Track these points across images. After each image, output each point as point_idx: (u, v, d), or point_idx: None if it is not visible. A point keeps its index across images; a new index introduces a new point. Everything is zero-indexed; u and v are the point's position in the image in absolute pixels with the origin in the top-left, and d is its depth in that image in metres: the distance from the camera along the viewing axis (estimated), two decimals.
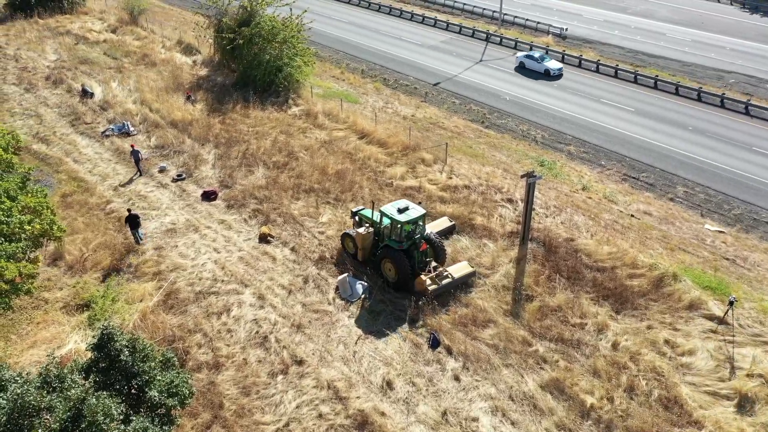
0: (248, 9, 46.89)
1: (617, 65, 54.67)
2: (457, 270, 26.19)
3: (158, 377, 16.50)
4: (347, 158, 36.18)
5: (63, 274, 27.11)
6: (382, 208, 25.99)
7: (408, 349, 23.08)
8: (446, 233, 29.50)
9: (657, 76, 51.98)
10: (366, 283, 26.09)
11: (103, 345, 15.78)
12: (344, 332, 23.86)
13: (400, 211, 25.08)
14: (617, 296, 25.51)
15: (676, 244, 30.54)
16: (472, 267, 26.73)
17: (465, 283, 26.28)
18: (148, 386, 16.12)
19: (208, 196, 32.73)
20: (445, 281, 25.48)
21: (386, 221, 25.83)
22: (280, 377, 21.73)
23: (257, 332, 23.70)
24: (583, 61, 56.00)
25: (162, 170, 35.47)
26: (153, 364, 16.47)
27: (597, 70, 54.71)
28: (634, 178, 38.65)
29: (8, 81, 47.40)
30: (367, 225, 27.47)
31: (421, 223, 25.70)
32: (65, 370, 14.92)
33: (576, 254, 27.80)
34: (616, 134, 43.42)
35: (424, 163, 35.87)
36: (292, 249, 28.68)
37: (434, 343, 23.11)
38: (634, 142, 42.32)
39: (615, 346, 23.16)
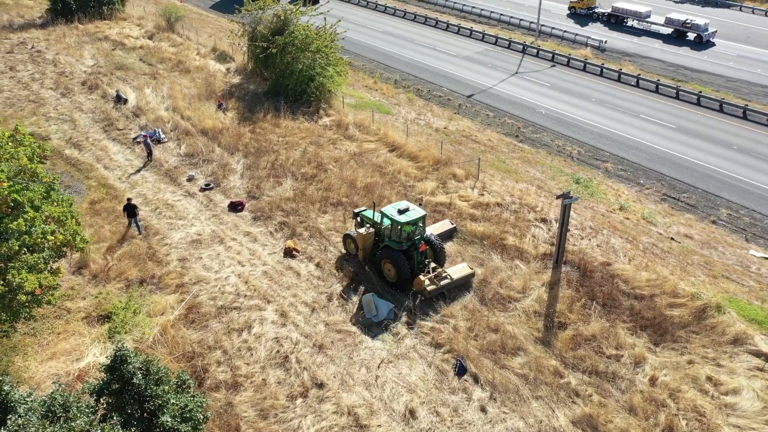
0: (282, 18, 46.69)
1: (658, 80, 53.01)
2: (457, 271, 26.37)
3: (172, 401, 15.89)
4: (377, 171, 35.46)
5: (87, 283, 26.88)
6: (382, 209, 26.29)
7: (433, 375, 22.13)
8: (447, 236, 29.69)
9: (700, 92, 50.19)
10: (392, 304, 25.26)
11: (116, 367, 15.24)
12: (367, 355, 23.02)
13: (401, 212, 25.41)
14: (656, 327, 24.15)
15: (720, 271, 29.02)
16: (472, 269, 26.88)
17: (464, 285, 26.34)
18: (160, 411, 15.51)
19: (235, 207, 32.32)
20: (443, 282, 25.62)
21: (387, 222, 26.10)
22: (299, 400, 20.98)
23: (278, 351, 23.01)
24: (622, 75, 54.43)
25: (190, 179, 35.24)
26: (167, 387, 15.88)
27: (637, 85, 53.14)
28: (674, 198, 37.12)
29: (46, 85, 47.96)
30: (368, 226, 27.65)
31: (421, 225, 26.01)
32: (71, 398, 14.37)
33: (612, 280, 26.52)
34: (656, 152, 41.89)
35: (456, 179, 34.93)
36: (317, 265, 27.99)
37: (461, 371, 22.12)
38: (675, 160, 40.74)
39: (653, 381, 21.84)
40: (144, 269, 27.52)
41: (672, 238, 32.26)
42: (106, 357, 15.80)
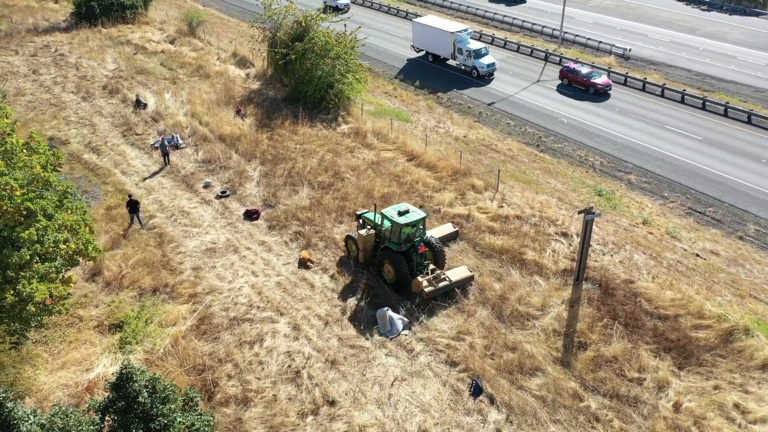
0: (302, 24, 46.46)
1: (684, 90, 51.78)
2: (456, 274, 26.51)
3: (179, 419, 15.53)
4: (394, 181, 34.95)
5: (100, 290, 26.73)
6: (383, 211, 26.53)
7: (448, 395, 21.52)
8: (449, 239, 29.85)
9: (728, 102, 48.91)
10: (407, 319, 24.70)
11: (122, 385, 14.90)
12: (380, 372, 22.48)
13: (400, 214, 25.66)
14: (680, 349, 23.28)
15: (747, 290, 28.00)
16: (471, 272, 27.01)
17: (462, 287, 26.35)
18: (166, 430, 15.15)
19: (251, 216, 32.02)
20: (441, 284, 25.74)
21: (387, 224, 26.26)
22: (309, 418, 20.51)
23: (290, 366, 22.57)
24: (647, 84, 53.31)
25: (207, 186, 35.05)
26: (173, 406, 15.51)
27: (662, 95, 51.94)
28: (699, 212, 36.08)
29: (67, 89, 48.24)
30: (369, 227, 27.74)
31: (421, 227, 26.30)
32: (71, 421, 14.03)
33: (635, 299, 25.68)
34: (680, 164, 40.82)
35: (475, 190, 34.28)
36: (332, 276, 27.56)
37: (476, 391, 21.49)
38: (701, 173, 39.64)
39: (677, 407, 20.99)
40: (157, 277, 27.31)
41: (697, 255, 31.28)
42: (113, 374, 15.36)
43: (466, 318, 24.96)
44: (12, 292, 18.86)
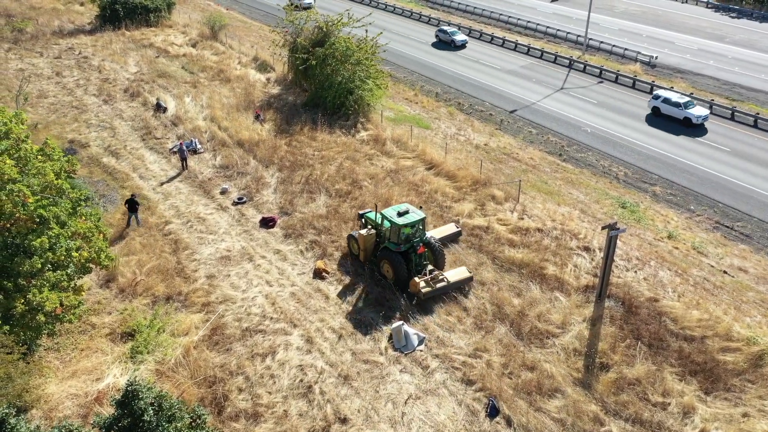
0: (323, 29, 46.17)
1: (712, 99, 50.49)
2: (454, 275, 26.68)
3: None
4: (413, 190, 34.38)
5: (114, 297, 26.54)
6: (383, 211, 26.88)
7: (463, 415, 20.87)
8: (451, 239, 30.12)
9: (758, 113, 47.54)
10: (423, 335, 24.10)
11: (127, 402, 14.52)
12: (394, 389, 21.91)
13: (400, 214, 26.03)
14: (707, 373, 22.36)
15: None
16: (470, 273, 27.10)
17: (459, 288, 26.48)
18: None
19: (267, 223, 31.67)
20: (439, 285, 25.94)
21: (387, 224, 26.46)
22: None
23: (301, 381, 22.10)
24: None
25: (224, 192, 34.80)
26: (179, 424, 15.10)
27: None
28: (727, 227, 34.93)
29: (89, 92, 48.49)
30: (370, 227, 28.02)
31: (420, 227, 26.55)
32: None
33: (660, 318, 24.79)
34: (708, 176, 39.64)
35: (495, 201, 33.57)
36: (347, 287, 27.04)
37: (493, 412, 20.81)
38: (729, 186, 38.44)
39: None
40: (171, 285, 27.05)
41: (725, 272, 30.22)
42: (119, 390, 14.99)
43: (484, 334, 24.29)
44: (22, 300, 18.65)
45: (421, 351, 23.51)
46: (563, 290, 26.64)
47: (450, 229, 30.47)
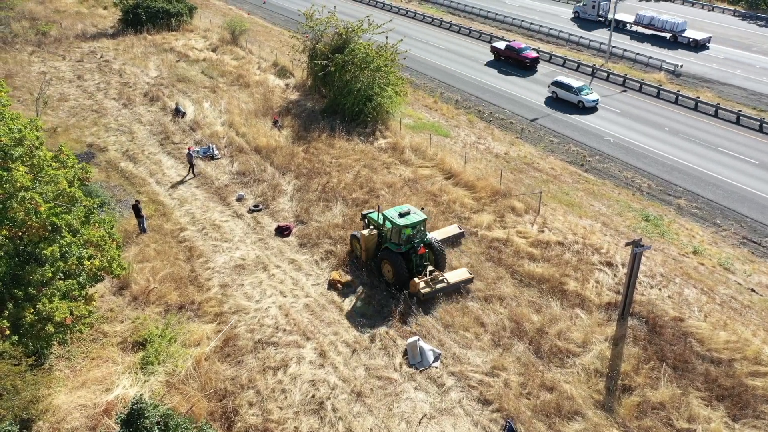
0: (343, 36, 45.83)
1: (740, 110, 49.24)
2: (454, 276, 26.78)
3: None
4: (431, 200, 33.79)
5: (126, 305, 26.29)
6: (384, 212, 26.99)
7: None
8: (453, 241, 30.15)
9: None
10: (438, 351, 23.48)
11: (133, 421, 14.12)
12: (408, 407, 21.31)
13: (401, 215, 26.21)
14: (735, 398, 21.46)
15: None
16: (471, 274, 27.16)
17: (458, 289, 26.52)
18: None
19: (282, 232, 31.29)
20: (439, 285, 26.07)
21: (388, 225, 26.53)
22: None
23: (313, 396, 21.60)
24: (699, 104, 50.91)
25: (239, 199, 34.51)
26: None
27: (715, 114, 49.50)
28: (755, 242, 33.84)
29: (109, 95, 48.63)
30: (373, 227, 28.15)
31: (421, 228, 26.69)
32: None
33: (685, 339, 23.90)
34: (735, 189, 38.52)
35: (515, 212, 32.86)
36: (362, 299, 26.52)
37: None
38: (757, 200, 37.30)
39: None
40: (184, 293, 26.75)
41: (753, 290, 29.20)
42: (123, 408, 14.59)
43: (502, 352, 23.60)
44: (32, 310, 18.40)
45: (436, 368, 22.91)
46: (584, 307, 25.85)
47: (453, 230, 30.52)
